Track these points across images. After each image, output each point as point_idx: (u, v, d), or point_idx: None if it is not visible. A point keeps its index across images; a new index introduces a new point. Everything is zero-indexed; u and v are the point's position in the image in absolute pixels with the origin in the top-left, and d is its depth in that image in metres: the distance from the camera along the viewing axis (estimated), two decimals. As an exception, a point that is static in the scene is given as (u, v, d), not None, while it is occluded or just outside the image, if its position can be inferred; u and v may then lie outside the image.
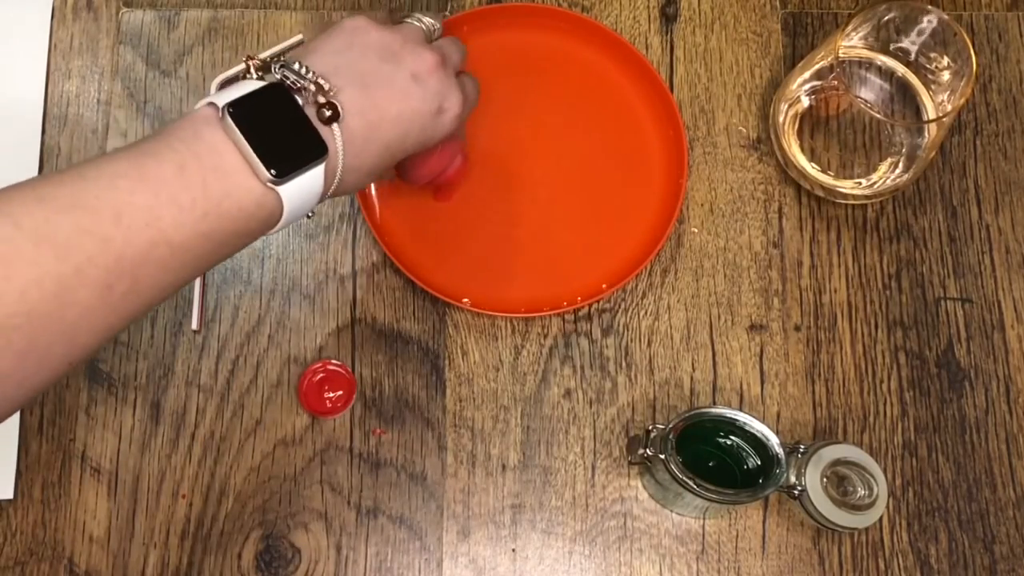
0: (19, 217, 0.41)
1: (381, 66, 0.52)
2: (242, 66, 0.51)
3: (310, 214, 0.52)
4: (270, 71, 0.50)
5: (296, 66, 0.49)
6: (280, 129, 0.47)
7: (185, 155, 0.45)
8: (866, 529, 0.65)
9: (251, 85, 0.48)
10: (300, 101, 0.48)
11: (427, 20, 0.57)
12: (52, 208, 0.42)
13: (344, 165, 0.50)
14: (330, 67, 0.50)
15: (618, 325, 0.69)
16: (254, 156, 0.46)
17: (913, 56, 0.70)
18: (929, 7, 0.66)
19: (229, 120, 0.46)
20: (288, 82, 0.49)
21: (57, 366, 0.43)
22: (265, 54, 0.51)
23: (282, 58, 0.50)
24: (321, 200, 0.51)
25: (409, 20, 0.57)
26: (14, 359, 0.41)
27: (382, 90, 0.51)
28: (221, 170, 0.46)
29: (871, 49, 0.71)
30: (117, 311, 0.44)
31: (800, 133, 0.70)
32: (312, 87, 0.48)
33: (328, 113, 0.48)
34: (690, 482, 0.57)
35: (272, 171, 0.46)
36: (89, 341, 0.44)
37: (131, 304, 0.44)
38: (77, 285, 0.42)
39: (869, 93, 0.72)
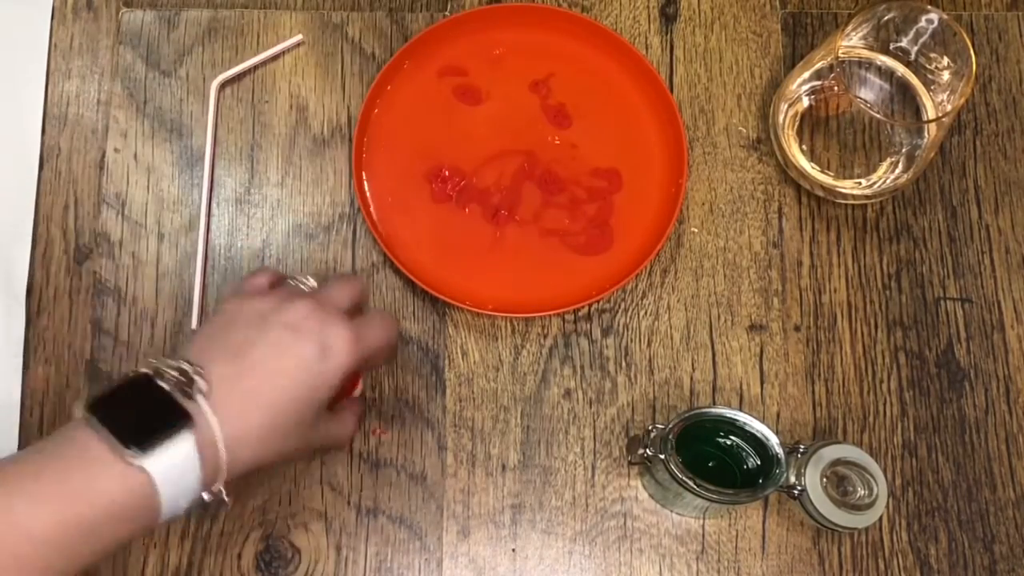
0: None
1: (250, 332, 0.52)
2: None
3: (225, 501, 0.51)
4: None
5: (158, 359, 0.50)
6: (143, 412, 0.48)
7: (49, 453, 0.47)
8: (866, 529, 0.65)
9: (117, 380, 0.50)
10: (166, 386, 0.49)
11: (310, 282, 0.58)
12: None
13: (227, 434, 0.49)
14: (201, 349, 0.51)
15: (618, 325, 0.69)
16: (111, 436, 0.47)
17: (913, 56, 0.70)
18: (929, 7, 0.66)
19: (88, 414, 0.48)
20: (152, 372, 0.49)
21: None
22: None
23: (152, 360, 0.51)
24: (219, 480, 0.50)
25: (289, 281, 0.58)
26: None
27: (254, 352, 0.51)
28: (84, 458, 0.47)
29: (871, 49, 0.71)
30: None
31: (800, 133, 0.70)
32: (175, 372, 0.49)
33: (187, 389, 0.49)
34: (690, 482, 0.57)
35: (131, 446, 0.47)
36: None
37: None
38: None
39: (869, 93, 0.72)
